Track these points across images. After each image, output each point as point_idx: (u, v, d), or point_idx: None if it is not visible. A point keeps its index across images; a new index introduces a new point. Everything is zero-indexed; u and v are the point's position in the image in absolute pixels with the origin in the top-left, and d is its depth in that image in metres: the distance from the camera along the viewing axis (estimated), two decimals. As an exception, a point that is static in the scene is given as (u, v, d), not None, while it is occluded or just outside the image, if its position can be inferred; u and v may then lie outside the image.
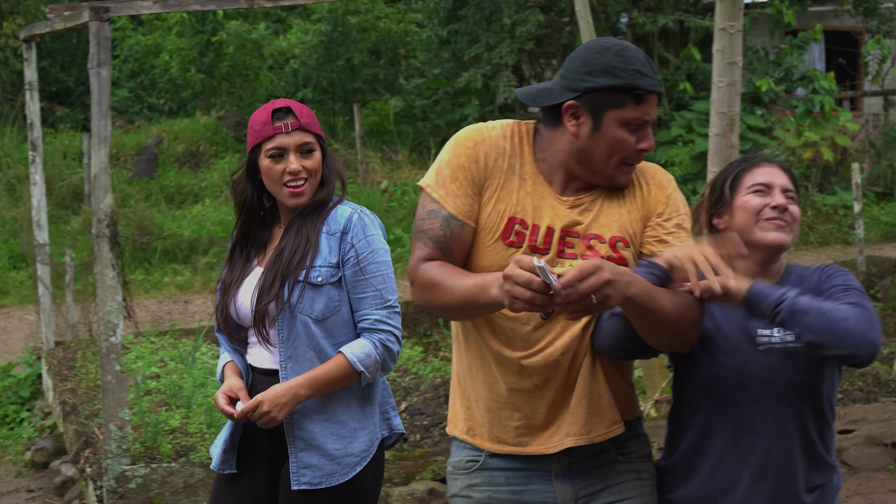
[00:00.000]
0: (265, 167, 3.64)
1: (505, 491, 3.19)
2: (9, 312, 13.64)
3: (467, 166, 3.09)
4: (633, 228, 3.10)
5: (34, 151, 8.22)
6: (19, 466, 7.40)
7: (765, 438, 3.02)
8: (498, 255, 3.07)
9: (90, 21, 5.52)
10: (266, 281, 3.63)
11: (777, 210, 3.06)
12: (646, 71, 3.01)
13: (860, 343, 2.82)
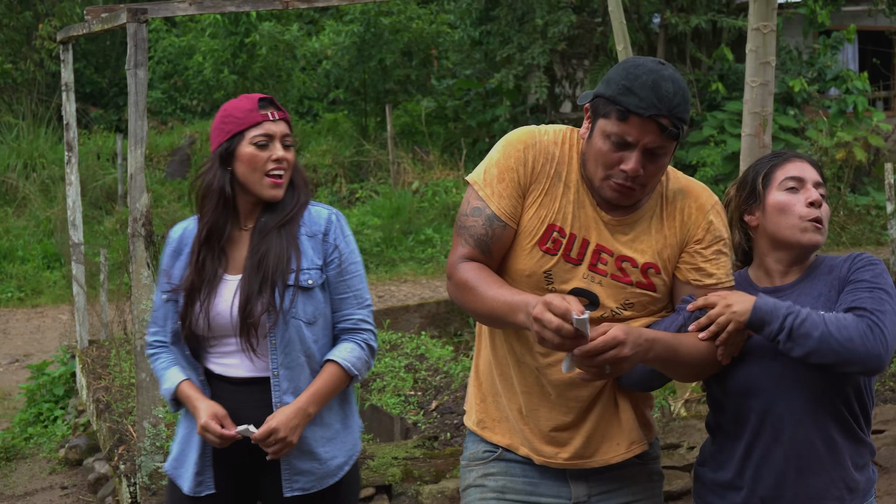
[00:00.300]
0: (248, 154, 3.51)
1: (520, 482, 3.24)
2: (43, 312, 13.75)
3: (515, 168, 3.11)
4: (669, 253, 3.10)
5: (70, 152, 8.28)
6: (53, 463, 7.46)
7: (804, 427, 3.03)
8: (533, 259, 3.09)
9: (128, 23, 5.56)
10: (251, 288, 3.50)
11: (813, 206, 3.08)
12: (639, 91, 2.92)
13: (866, 360, 2.87)
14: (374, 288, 14.63)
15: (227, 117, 3.54)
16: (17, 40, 21.74)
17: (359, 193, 18.74)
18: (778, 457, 3.06)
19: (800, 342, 2.88)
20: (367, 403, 7.15)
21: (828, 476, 3.05)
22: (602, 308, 3.07)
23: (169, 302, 3.61)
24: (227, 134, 3.52)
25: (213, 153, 3.56)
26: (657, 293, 3.08)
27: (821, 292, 3.10)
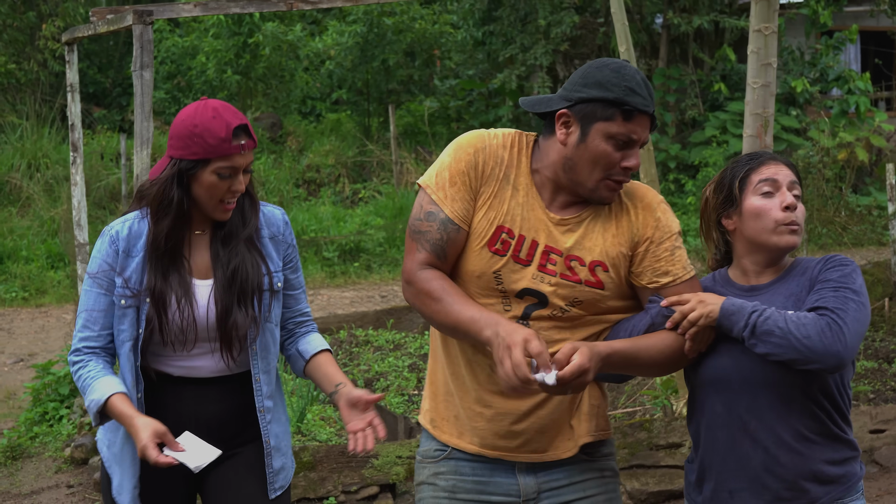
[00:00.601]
0: (209, 183, 3.39)
1: (470, 481, 3.29)
2: (47, 311, 13.80)
3: (466, 172, 3.18)
4: (617, 251, 3.16)
5: (75, 153, 8.33)
6: (59, 462, 7.50)
7: (771, 421, 3.11)
8: (483, 260, 3.16)
9: (134, 24, 5.61)
10: (229, 300, 3.49)
11: (789, 210, 3.16)
12: (639, 90, 3.06)
13: (823, 357, 2.96)
14: (378, 288, 14.68)
15: (196, 137, 3.37)
16: (20, 40, 21.78)
17: (362, 193, 18.78)
18: (745, 448, 3.14)
19: (762, 339, 2.99)
20: (371, 403, 7.19)
21: (796, 470, 3.12)
22: (550, 307, 3.14)
23: (127, 308, 3.45)
24: (192, 155, 3.38)
25: (172, 164, 3.41)
26: (605, 291, 3.15)
27: (792, 292, 3.17)
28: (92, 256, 3.49)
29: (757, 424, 3.12)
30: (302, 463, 6.10)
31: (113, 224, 3.49)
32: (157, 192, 3.42)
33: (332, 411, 7.27)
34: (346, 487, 6.14)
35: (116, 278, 3.45)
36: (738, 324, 3.02)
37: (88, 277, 3.47)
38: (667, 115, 18.06)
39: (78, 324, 3.48)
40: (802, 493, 3.12)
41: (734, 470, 3.16)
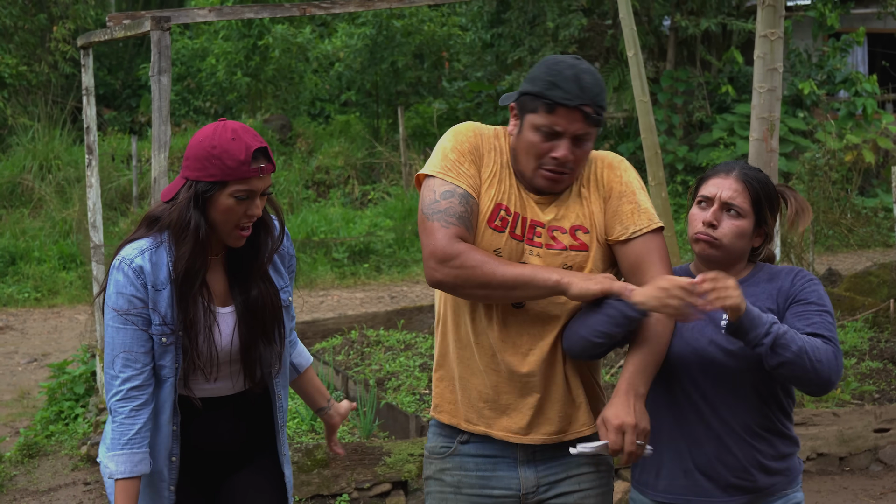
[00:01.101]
0: (225, 206, 3.31)
1: (474, 476, 3.42)
2: (59, 312, 13.91)
3: (471, 151, 3.36)
4: (592, 210, 3.34)
5: (90, 155, 8.43)
6: (75, 460, 7.60)
7: (726, 410, 3.29)
8: (485, 237, 3.31)
9: (152, 30, 5.72)
10: (251, 329, 3.47)
11: (705, 225, 3.32)
12: (563, 84, 3.19)
13: (827, 384, 3.16)
14: (388, 289, 14.77)
15: (215, 159, 3.28)
16: (31, 43, 21.92)
17: (371, 195, 18.87)
18: (699, 433, 3.31)
19: (778, 352, 3.08)
20: (383, 402, 7.29)
21: (745, 460, 3.30)
22: None
23: (168, 345, 3.35)
24: (209, 176, 3.29)
25: (188, 186, 3.33)
26: (590, 251, 3.31)
27: (759, 298, 3.31)
28: (114, 292, 3.32)
29: (710, 412, 3.29)
30: (316, 460, 6.21)
31: (127, 255, 3.33)
32: (176, 217, 3.31)
33: (345, 410, 7.37)
34: (359, 484, 6.24)
35: (153, 315, 3.33)
36: (760, 329, 3.08)
37: (117, 315, 3.30)
38: (674, 117, 18.14)
39: (115, 365, 3.31)
40: (750, 481, 3.31)
41: (687, 451, 3.33)
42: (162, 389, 3.39)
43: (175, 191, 3.37)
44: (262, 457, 3.66)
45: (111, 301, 3.32)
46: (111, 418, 3.33)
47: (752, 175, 3.37)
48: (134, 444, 3.32)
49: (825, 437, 6.99)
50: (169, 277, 3.34)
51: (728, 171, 3.37)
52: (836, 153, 12.87)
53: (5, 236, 16.10)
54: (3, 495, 7.06)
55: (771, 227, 3.42)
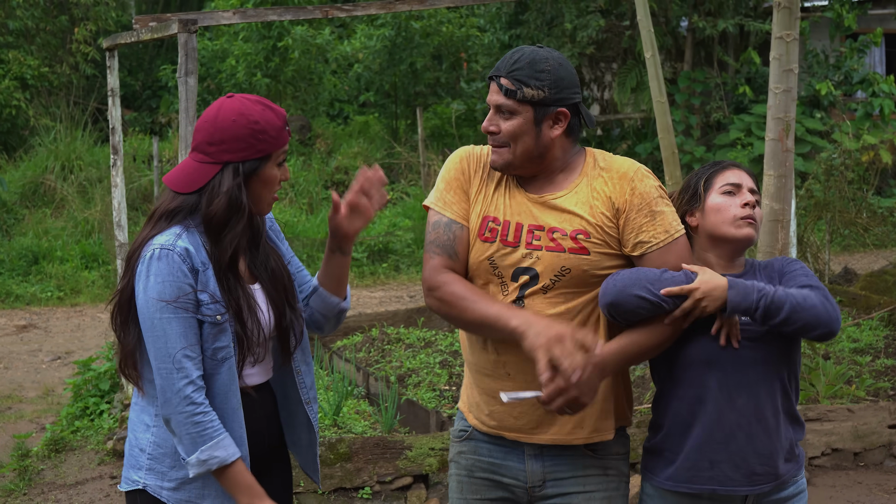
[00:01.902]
0: (270, 176, 3.29)
1: (485, 461, 3.56)
2: (82, 311, 14.05)
3: (457, 177, 3.54)
4: (598, 219, 3.37)
5: (115, 155, 8.56)
6: (102, 455, 7.73)
7: (755, 397, 3.39)
8: (478, 251, 3.46)
9: (179, 33, 5.83)
10: (279, 300, 3.43)
11: (748, 207, 3.48)
12: (500, 63, 3.42)
13: (828, 323, 3.30)
14: (407, 288, 14.88)
15: (260, 134, 3.22)
16: (53, 44, 22.08)
17: (390, 195, 18.97)
18: (731, 423, 3.38)
19: (773, 314, 3.25)
20: (403, 398, 7.40)
21: (771, 446, 3.40)
22: (542, 281, 3.37)
23: (224, 322, 3.25)
24: (258, 153, 3.23)
25: (233, 169, 3.23)
26: (591, 256, 3.36)
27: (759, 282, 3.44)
28: (157, 282, 3.17)
29: (745, 400, 3.37)
30: (339, 454, 6.33)
31: (163, 243, 3.19)
32: (226, 204, 3.21)
33: (367, 405, 7.49)
34: (381, 478, 6.36)
35: (201, 295, 3.21)
36: (750, 307, 3.27)
37: (166, 305, 3.16)
38: (692, 117, 18.20)
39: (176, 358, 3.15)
40: (773, 467, 3.41)
41: (719, 442, 3.39)
42: (219, 374, 3.25)
43: (200, 180, 3.23)
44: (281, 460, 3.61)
45: (155, 293, 3.16)
46: (183, 417, 3.15)
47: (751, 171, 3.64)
48: (221, 428, 3.20)
49: (840, 432, 7.08)
50: (208, 258, 3.24)
51: (734, 164, 3.59)
52: (853, 153, 12.91)
53: (28, 236, 16.25)
54: (31, 489, 7.20)
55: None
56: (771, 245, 6.61)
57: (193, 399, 3.16)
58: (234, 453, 3.20)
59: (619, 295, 3.29)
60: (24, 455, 7.64)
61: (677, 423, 3.46)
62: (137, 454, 3.34)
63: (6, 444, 8.27)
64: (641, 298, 3.26)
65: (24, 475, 7.38)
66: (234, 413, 3.27)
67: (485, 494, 3.55)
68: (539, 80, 3.35)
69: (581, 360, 3.16)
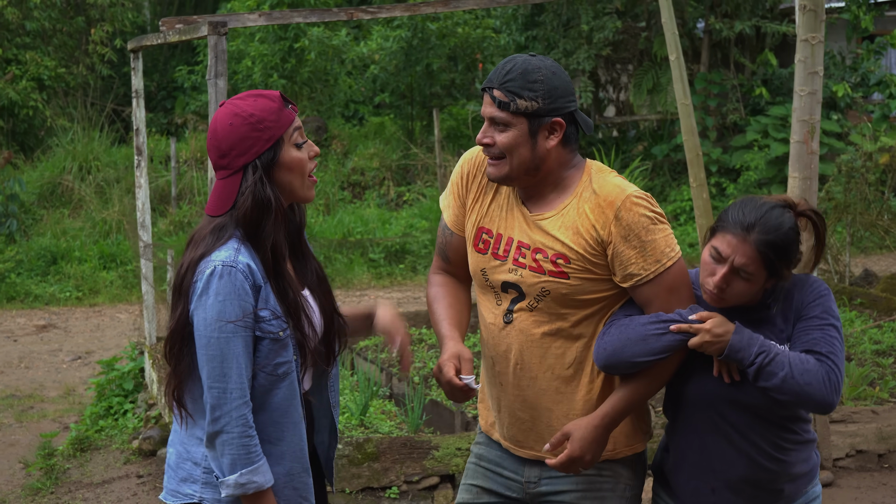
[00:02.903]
0: (294, 159, 3.20)
1: (494, 454, 3.65)
2: (101, 311, 14.10)
3: (456, 182, 3.59)
4: (582, 247, 3.33)
5: (139, 156, 8.61)
6: (127, 454, 7.77)
7: (754, 437, 3.37)
8: (473, 260, 3.54)
9: (209, 35, 5.87)
10: (327, 302, 3.40)
11: (717, 288, 3.30)
12: (492, 74, 3.36)
13: (820, 404, 3.23)
14: (423, 289, 14.90)
15: (259, 124, 3.13)
16: (69, 45, 22.16)
17: (406, 196, 19.02)
18: (730, 456, 3.38)
19: (765, 378, 3.20)
20: (427, 398, 7.43)
21: (776, 475, 3.39)
22: (527, 299, 3.40)
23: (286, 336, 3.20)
24: (266, 142, 3.14)
25: (251, 169, 3.15)
26: (571, 281, 3.34)
27: (775, 324, 3.37)
28: (220, 301, 3.09)
29: (740, 438, 3.36)
30: (366, 454, 6.36)
31: (224, 259, 3.11)
32: (252, 203, 3.14)
33: (392, 406, 7.52)
34: (408, 478, 6.39)
35: (262, 312, 3.15)
36: (745, 361, 3.22)
37: (227, 324, 3.08)
38: (708, 119, 18.21)
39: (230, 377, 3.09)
40: (779, 493, 3.42)
41: (718, 471, 3.41)
42: (280, 389, 3.21)
43: (231, 195, 3.17)
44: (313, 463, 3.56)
45: (215, 311, 3.09)
46: (232, 437, 3.11)
47: (770, 241, 3.27)
48: (261, 453, 3.17)
49: (864, 434, 7.10)
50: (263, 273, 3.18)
51: (746, 233, 3.27)
52: (872, 155, 12.93)
53: (46, 236, 16.32)
54: (58, 487, 7.25)
55: (789, 273, 3.36)
56: (796, 247, 6.63)
57: (247, 420, 3.13)
58: (269, 479, 3.17)
59: (609, 359, 3.31)
60: (49, 454, 7.69)
61: (678, 450, 3.50)
62: (191, 468, 3.29)
63: (31, 443, 8.33)
64: (633, 364, 3.28)
65: (50, 474, 7.43)
66: (295, 427, 3.25)
67: (483, 483, 3.64)
68: (532, 91, 3.28)
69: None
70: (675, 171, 18.64)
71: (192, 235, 3.25)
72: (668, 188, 18.25)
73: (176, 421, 3.32)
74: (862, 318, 9.67)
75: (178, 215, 17.12)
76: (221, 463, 3.14)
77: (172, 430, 3.39)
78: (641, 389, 3.36)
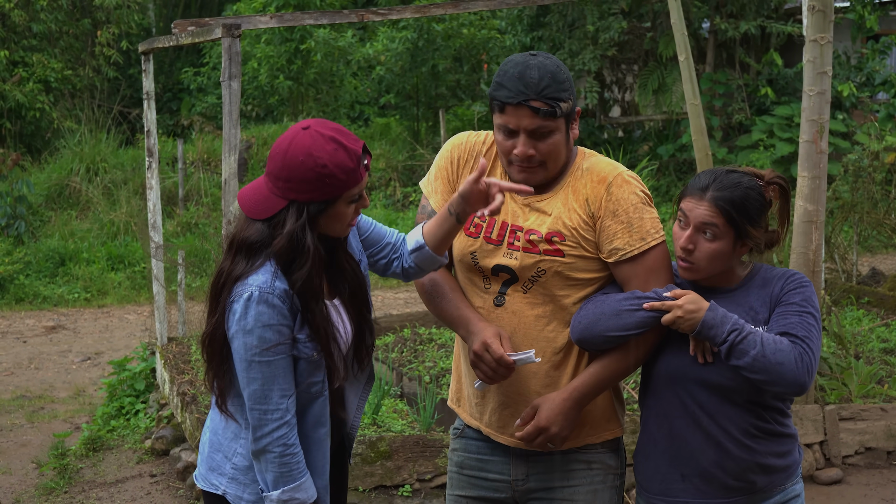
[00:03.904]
0: (341, 213, 3.20)
1: (474, 458, 3.66)
2: (109, 312, 14.14)
3: (445, 166, 3.58)
4: (575, 222, 3.39)
5: (150, 157, 8.66)
6: (140, 454, 7.82)
7: (722, 420, 3.37)
8: (461, 243, 3.53)
9: (223, 37, 5.92)
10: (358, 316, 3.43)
11: (683, 251, 3.36)
12: (507, 83, 3.27)
13: (791, 385, 3.23)
14: (431, 289, 14.92)
15: (328, 178, 3.10)
16: (76, 47, 22.22)
17: (412, 197, 19.05)
18: (698, 440, 3.40)
19: (737, 356, 3.22)
20: (439, 397, 7.47)
21: (744, 463, 3.38)
22: (520, 280, 3.43)
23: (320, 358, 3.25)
24: (324, 196, 3.12)
25: (297, 209, 3.15)
26: (566, 259, 3.39)
27: (752, 306, 3.39)
28: (258, 326, 3.13)
29: (708, 421, 3.37)
30: (379, 452, 6.40)
31: (261, 285, 3.13)
32: (287, 245, 3.14)
33: (403, 405, 7.56)
34: (420, 476, 6.43)
35: (299, 335, 3.19)
36: (717, 338, 3.24)
37: (265, 350, 3.14)
38: (714, 119, 18.23)
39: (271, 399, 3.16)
40: (749, 484, 3.40)
41: (686, 458, 3.42)
42: (313, 406, 3.29)
43: (271, 211, 3.16)
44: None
45: (255, 338, 3.13)
46: (272, 457, 3.19)
47: (726, 197, 3.31)
48: (305, 469, 3.26)
49: (873, 431, 7.13)
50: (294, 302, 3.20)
51: (702, 192, 3.34)
52: (878, 154, 12.97)
53: (54, 238, 16.36)
54: (72, 487, 7.29)
55: (757, 235, 3.38)
56: (804, 246, 6.67)
57: (286, 441, 3.19)
58: (312, 495, 3.26)
59: (584, 332, 3.36)
60: (62, 454, 7.73)
61: (649, 434, 3.52)
62: (222, 461, 3.38)
63: (43, 444, 8.37)
64: (606, 338, 3.33)
65: (63, 474, 7.48)
66: (320, 443, 3.33)
67: (469, 492, 3.66)
68: (566, 91, 3.32)
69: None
70: (681, 170, 18.67)
71: (232, 237, 3.27)
72: (673, 188, 18.27)
73: (214, 402, 3.39)
74: (869, 316, 9.70)
75: (186, 216, 17.15)
76: (265, 478, 3.24)
77: (211, 410, 3.46)
78: (612, 366, 3.39)
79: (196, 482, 3.50)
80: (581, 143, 19.74)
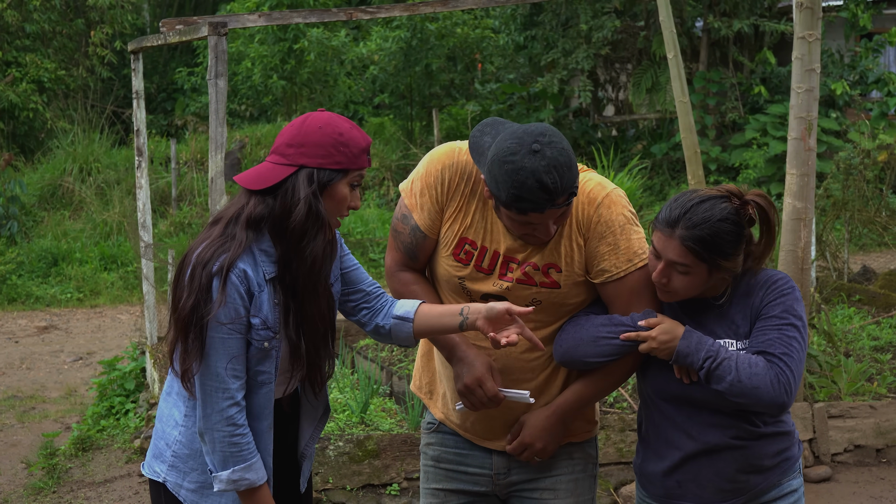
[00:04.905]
0: (341, 194, 3.20)
1: (452, 452, 3.64)
2: (101, 312, 14.12)
3: (433, 186, 3.43)
4: (570, 251, 3.36)
5: (140, 157, 8.64)
6: (129, 453, 7.80)
7: (714, 431, 3.38)
8: (449, 267, 3.46)
9: (209, 36, 5.90)
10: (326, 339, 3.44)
11: (657, 283, 3.32)
12: (528, 195, 3.10)
13: (769, 406, 3.25)
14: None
15: (342, 146, 3.17)
16: (69, 48, 22.21)
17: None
18: (689, 448, 3.41)
19: (715, 381, 3.24)
20: (428, 396, 7.47)
21: (736, 466, 3.39)
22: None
23: (270, 349, 3.22)
24: (335, 164, 3.16)
25: (307, 175, 3.17)
26: (562, 289, 3.38)
27: (733, 320, 3.37)
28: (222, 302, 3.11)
29: (699, 431, 3.38)
30: (367, 451, 6.39)
31: (224, 264, 3.12)
32: (305, 213, 3.15)
33: (392, 403, 7.55)
34: (408, 474, 6.42)
35: (253, 319, 3.18)
36: (693, 365, 3.26)
37: (219, 325, 3.11)
38: (707, 117, 18.24)
39: (223, 377, 3.13)
40: (742, 484, 3.40)
41: (678, 465, 3.43)
42: (257, 395, 3.26)
43: (272, 179, 3.17)
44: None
45: (215, 314, 3.12)
46: (221, 436, 3.16)
47: (695, 236, 3.22)
48: (255, 451, 3.22)
49: (862, 429, 7.13)
50: (264, 278, 3.20)
51: (671, 229, 3.25)
52: (870, 153, 12.98)
53: (47, 238, 16.34)
54: (60, 486, 7.27)
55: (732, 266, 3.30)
56: (793, 243, 6.66)
57: (235, 420, 3.17)
58: (262, 476, 3.23)
59: (564, 356, 3.39)
60: (51, 454, 7.72)
61: (647, 444, 3.54)
62: (163, 448, 3.36)
63: (33, 444, 8.35)
64: (585, 363, 3.37)
65: (52, 473, 7.46)
66: (262, 435, 3.28)
67: (447, 485, 3.64)
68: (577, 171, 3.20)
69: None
70: (675, 169, 18.68)
71: (218, 216, 3.26)
72: (667, 187, 18.28)
73: (165, 388, 3.39)
74: (860, 314, 9.71)
75: (179, 216, 17.14)
76: (213, 458, 3.19)
77: (161, 399, 3.43)
78: (594, 386, 3.44)
79: (142, 469, 3.46)
80: (574, 142, 19.73)
